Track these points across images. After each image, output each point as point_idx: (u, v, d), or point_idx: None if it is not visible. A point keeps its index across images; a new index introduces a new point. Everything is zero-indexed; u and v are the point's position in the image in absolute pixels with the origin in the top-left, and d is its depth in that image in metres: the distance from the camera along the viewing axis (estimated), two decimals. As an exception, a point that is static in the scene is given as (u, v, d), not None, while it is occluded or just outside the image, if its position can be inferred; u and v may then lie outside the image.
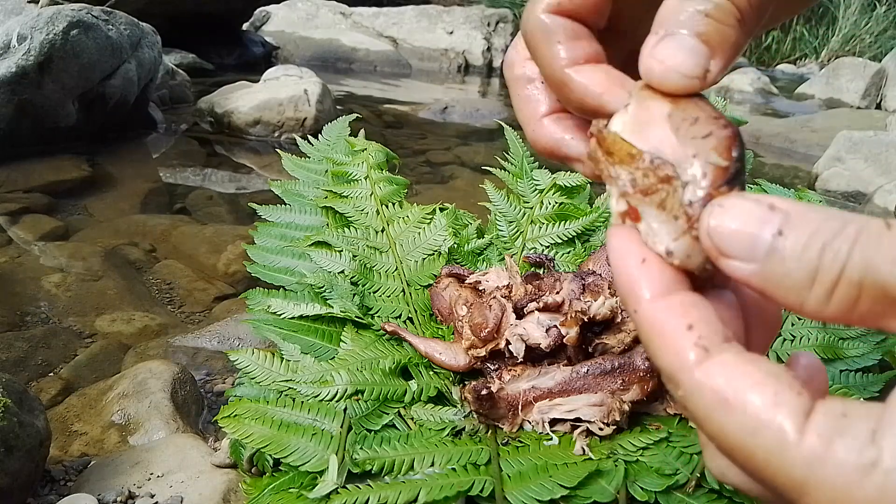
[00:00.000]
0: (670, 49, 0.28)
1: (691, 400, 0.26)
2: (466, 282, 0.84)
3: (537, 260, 0.93)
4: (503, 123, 1.32)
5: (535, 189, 1.11)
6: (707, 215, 0.26)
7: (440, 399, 0.73)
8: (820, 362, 0.29)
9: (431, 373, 0.76)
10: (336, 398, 0.71)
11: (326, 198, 1.09)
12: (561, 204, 1.06)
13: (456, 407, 0.72)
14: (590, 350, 0.70)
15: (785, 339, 0.80)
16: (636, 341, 0.69)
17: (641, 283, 0.27)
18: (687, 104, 0.28)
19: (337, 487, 0.60)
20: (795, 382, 0.25)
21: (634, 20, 0.35)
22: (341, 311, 0.82)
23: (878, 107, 4.46)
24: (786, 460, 0.23)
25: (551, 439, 0.66)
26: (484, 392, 0.67)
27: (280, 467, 0.67)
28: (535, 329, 0.71)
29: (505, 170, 1.14)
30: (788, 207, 0.25)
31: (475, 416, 0.69)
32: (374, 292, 0.90)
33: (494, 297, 0.76)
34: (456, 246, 0.97)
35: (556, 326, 0.70)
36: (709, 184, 0.26)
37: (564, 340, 0.69)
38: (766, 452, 0.24)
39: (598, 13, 0.33)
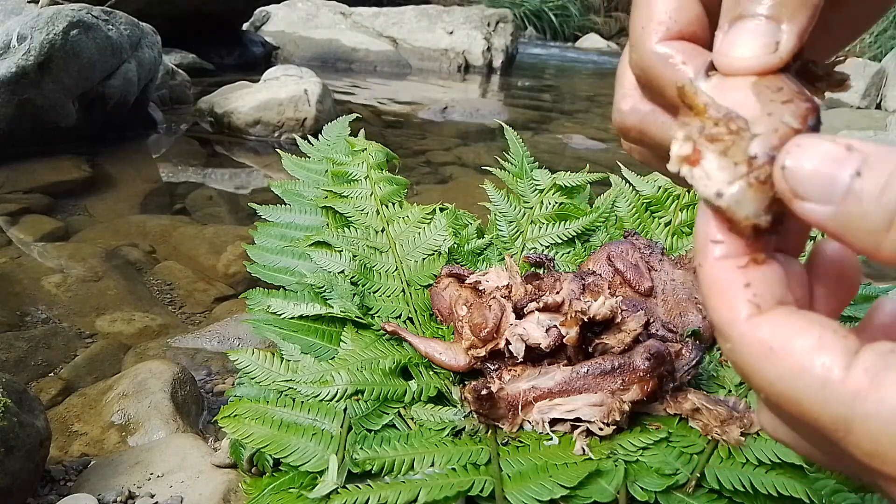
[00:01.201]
0: (736, 38, 0.28)
1: (738, 352, 0.26)
2: (466, 282, 0.84)
3: (537, 260, 0.93)
4: (503, 123, 1.32)
5: (535, 189, 1.11)
6: (783, 154, 0.26)
7: (440, 399, 0.73)
8: None
9: (431, 373, 0.76)
10: (336, 398, 0.71)
11: (326, 198, 1.09)
12: (561, 204, 1.06)
13: (456, 407, 0.72)
14: (590, 350, 0.70)
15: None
16: (636, 341, 0.69)
17: (714, 243, 0.28)
18: (773, 77, 0.29)
19: (337, 487, 0.60)
20: (842, 328, 0.25)
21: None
22: (341, 311, 0.82)
23: (878, 107, 4.46)
24: (830, 398, 0.23)
25: (551, 439, 0.66)
26: (484, 392, 0.67)
27: (280, 467, 0.67)
28: (535, 329, 0.71)
29: (505, 170, 1.14)
30: (867, 148, 0.24)
31: (475, 416, 0.69)
32: (374, 292, 0.90)
33: (494, 297, 0.76)
34: (456, 246, 0.97)
35: (556, 326, 0.70)
36: (778, 140, 0.26)
37: (564, 340, 0.69)
38: (809, 394, 0.24)
39: (706, 28, 0.33)
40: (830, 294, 0.29)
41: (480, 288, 0.82)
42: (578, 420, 0.67)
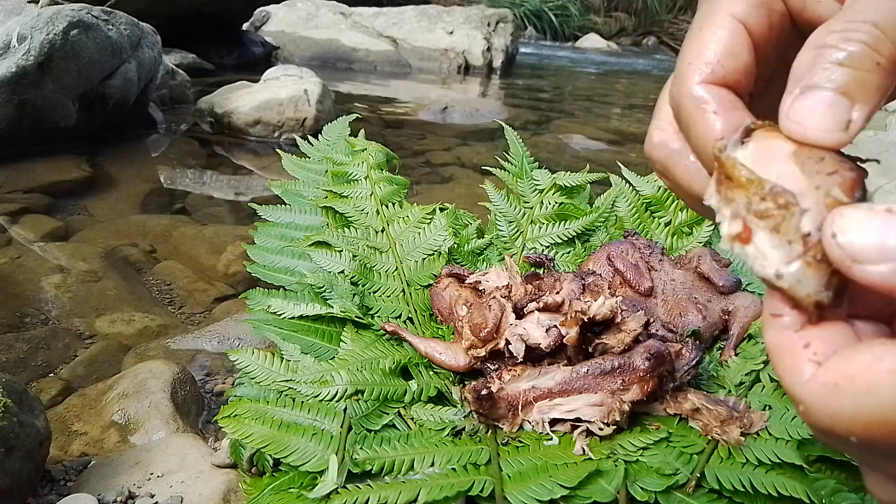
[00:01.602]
0: (807, 107, 0.28)
1: (812, 409, 0.26)
2: (466, 282, 0.84)
3: (537, 260, 0.93)
4: (503, 123, 1.32)
5: (535, 189, 1.11)
6: (829, 225, 0.26)
7: (440, 399, 0.73)
8: None
9: (431, 373, 0.76)
10: (336, 398, 0.71)
11: (326, 198, 1.09)
12: (561, 204, 1.06)
13: (456, 407, 0.72)
14: (590, 350, 0.70)
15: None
16: (636, 341, 0.69)
17: (775, 317, 0.28)
18: (813, 147, 0.28)
19: (337, 487, 0.60)
20: (889, 337, 0.25)
21: (764, 80, 0.34)
22: (341, 311, 0.82)
23: (879, 107, 4.45)
24: None
25: (551, 439, 0.66)
26: (484, 392, 0.67)
27: (280, 467, 0.67)
28: (535, 329, 0.71)
29: (505, 170, 1.14)
30: None
31: (475, 416, 0.69)
32: (374, 292, 0.90)
33: (494, 297, 0.76)
34: (456, 246, 0.97)
35: (556, 326, 0.70)
36: (829, 214, 0.26)
37: (564, 340, 0.69)
38: (890, 400, 0.23)
39: (751, 78, 0.32)
40: None
41: (480, 288, 0.82)
42: (578, 420, 0.67)
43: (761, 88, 0.34)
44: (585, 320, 0.69)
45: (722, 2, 0.32)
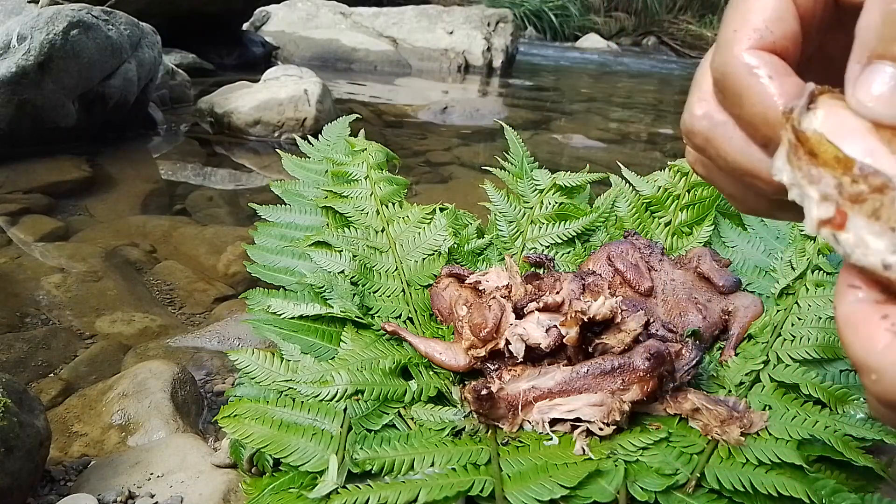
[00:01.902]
0: (878, 82, 0.26)
1: (886, 379, 0.25)
2: (466, 282, 0.84)
3: (537, 260, 0.93)
4: (503, 123, 1.32)
5: (535, 189, 1.11)
6: None
7: (440, 399, 0.73)
8: None
9: (431, 373, 0.76)
10: (336, 398, 0.71)
11: (326, 198, 1.09)
12: (561, 204, 1.06)
13: (456, 407, 0.72)
14: (590, 350, 0.70)
15: (785, 339, 0.80)
16: (636, 341, 0.69)
17: (853, 288, 0.27)
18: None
19: (337, 487, 0.60)
20: None
21: (802, 62, 0.33)
22: (341, 311, 0.82)
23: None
24: None
25: (551, 439, 0.66)
26: (484, 392, 0.67)
27: (280, 467, 0.67)
28: (535, 329, 0.71)
29: (505, 170, 1.14)
30: None
31: (475, 416, 0.69)
32: (374, 292, 0.90)
33: (494, 297, 0.76)
34: (456, 246, 0.97)
35: (556, 326, 0.70)
36: None
37: (564, 340, 0.69)
38: None
39: (798, 49, 0.31)
40: None
41: (480, 288, 0.82)
42: (578, 420, 0.67)
43: (804, 64, 0.33)
44: (585, 320, 0.69)
45: None
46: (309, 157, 1.24)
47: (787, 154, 0.28)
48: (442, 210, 1.02)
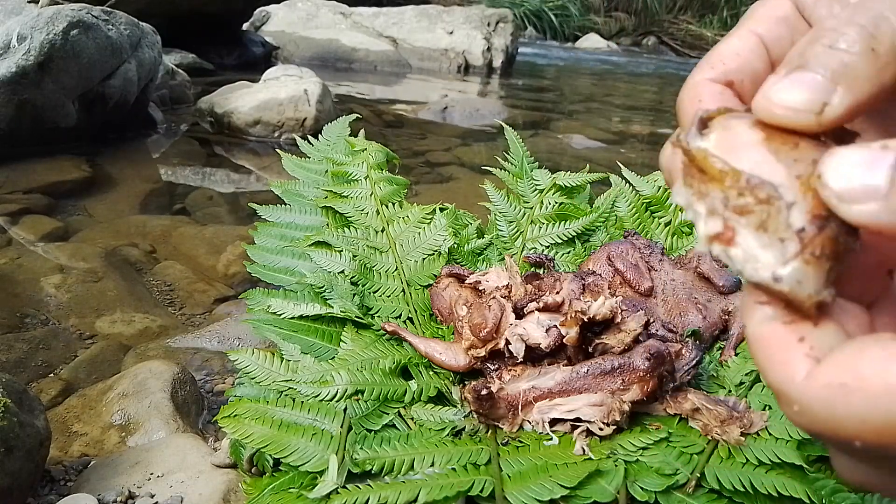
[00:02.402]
0: (781, 84, 0.26)
1: (809, 410, 0.24)
2: (466, 282, 0.84)
3: (537, 260, 0.93)
4: (503, 123, 1.32)
5: (535, 189, 1.11)
6: (818, 166, 0.24)
7: (440, 399, 0.73)
8: None
9: (431, 373, 0.76)
10: (336, 398, 0.71)
11: (326, 198, 1.09)
12: (561, 204, 1.06)
13: (456, 407, 0.72)
14: (590, 350, 0.70)
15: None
16: (636, 341, 0.69)
17: (762, 304, 0.26)
18: (784, 132, 0.26)
19: (337, 487, 0.60)
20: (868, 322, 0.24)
21: None
22: (341, 311, 0.82)
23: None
24: None
25: (551, 439, 0.66)
26: (484, 392, 0.67)
27: (280, 467, 0.67)
28: (535, 329, 0.71)
29: (505, 170, 1.14)
30: None
31: (475, 416, 0.69)
32: (374, 292, 0.90)
33: (494, 297, 0.76)
34: (456, 246, 0.97)
35: (556, 326, 0.70)
36: (818, 204, 0.24)
37: (564, 340, 0.69)
38: None
39: (758, 81, 0.31)
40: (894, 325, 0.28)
41: (480, 288, 0.82)
42: (578, 420, 0.67)
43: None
44: (585, 320, 0.69)
45: (746, 21, 0.33)
46: (309, 157, 1.24)
47: (682, 176, 0.28)
48: (442, 210, 1.02)
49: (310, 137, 1.30)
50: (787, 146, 0.26)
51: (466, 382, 0.73)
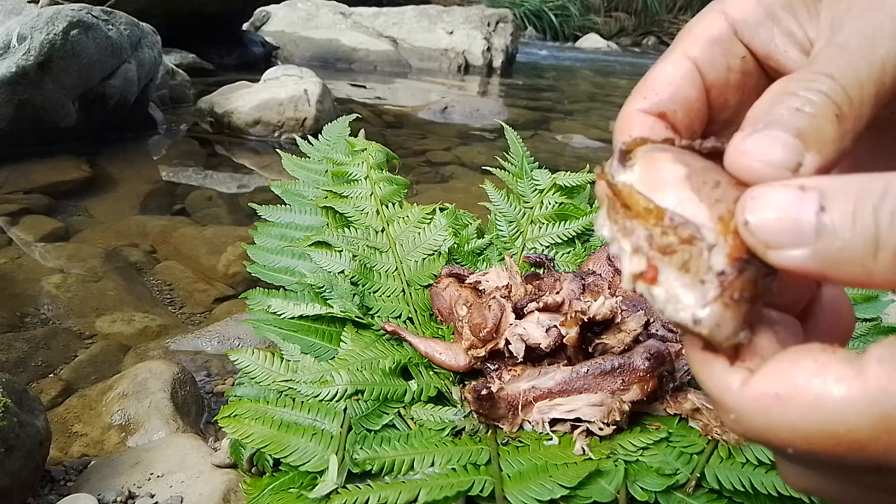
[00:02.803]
0: (759, 142, 0.27)
1: (744, 418, 0.25)
2: (466, 282, 0.84)
3: (537, 260, 0.93)
4: (503, 123, 1.32)
5: (535, 189, 1.11)
6: (742, 211, 0.25)
7: (440, 399, 0.73)
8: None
9: (431, 373, 0.76)
10: (336, 398, 0.71)
11: (326, 198, 1.09)
12: (561, 204, 1.06)
13: (456, 407, 0.72)
14: (590, 350, 0.70)
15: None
16: (636, 341, 0.69)
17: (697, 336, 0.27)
18: (705, 168, 0.27)
19: (337, 487, 0.60)
20: (827, 345, 0.24)
21: (722, 122, 0.34)
22: (341, 311, 0.82)
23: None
24: (859, 406, 0.22)
25: (551, 439, 0.66)
26: (484, 392, 0.67)
27: (280, 467, 0.67)
28: (535, 329, 0.71)
29: (505, 170, 1.14)
30: (821, 183, 0.24)
31: (475, 416, 0.69)
32: (374, 292, 0.90)
33: (494, 298, 0.76)
34: (456, 246, 0.97)
35: (556, 326, 0.70)
36: (738, 246, 0.25)
37: (564, 340, 0.69)
38: (838, 416, 0.23)
39: (693, 114, 0.32)
40: (826, 338, 0.29)
41: (480, 288, 0.82)
42: (578, 420, 0.67)
43: (718, 129, 0.34)
44: (585, 320, 0.69)
45: (681, 42, 0.33)
46: (309, 157, 1.24)
47: (606, 209, 0.28)
48: (442, 210, 1.02)
49: (310, 137, 1.30)
50: (709, 185, 0.26)
51: (466, 382, 0.73)
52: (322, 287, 0.86)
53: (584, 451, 0.64)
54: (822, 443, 0.23)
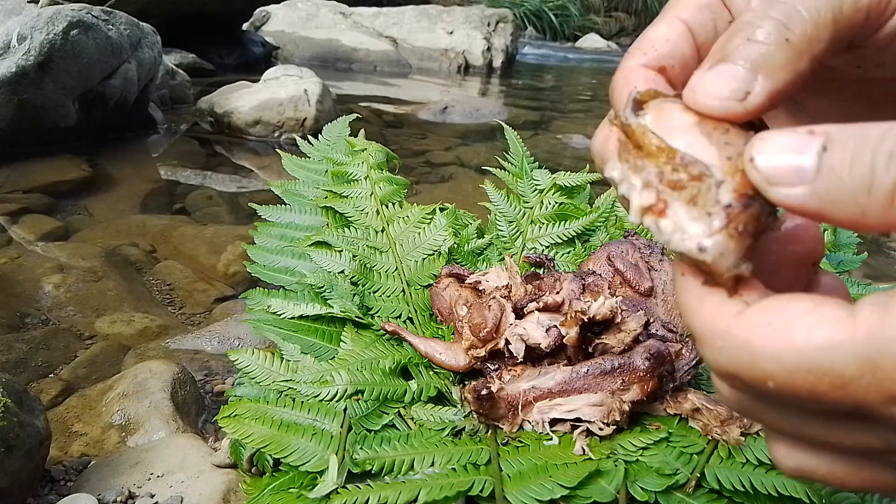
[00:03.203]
0: (706, 78, 0.28)
1: (732, 347, 0.25)
2: (466, 282, 0.84)
3: (537, 260, 0.93)
4: (503, 123, 1.32)
5: (535, 189, 1.11)
6: (748, 149, 0.26)
7: (440, 399, 0.73)
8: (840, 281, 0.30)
9: (431, 373, 0.76)
10: (336, 398, 0.71)
11: (326, 198, 1.09)
12: (561, 204, 1.06)
13: (456, 407, 0.72)
14: (590, 350, 0.70)
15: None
16: (636, 341, 0.69)
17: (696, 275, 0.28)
18: (714, 119, 0.28)
19: (337, 487, 0.60)
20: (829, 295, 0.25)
21: None
22: (341, 311, 0.82)
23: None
24: (846, 347, 0.23)
25: (551, 439, 0.66)
26: (484, 392, 0.67)
27: (280, 467, 0.67)
28: (535, 329, 0.71)
29: (505, 170, 1.14)
30: (828, 128, 0.25)
31: (475, 416, 0.69)
32: (374, 292, 0.90)
33: (494, 298, 0.76)
34: (456, 246, 0.97)
35: (556, 326, 0.70)
36: (745, 184, 0.26)
37: (564, 340, 0.69)
38: (823, 354, 0.23)
39: (687, 70, 0.33)
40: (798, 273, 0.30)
41: (480, 288, 0.82)
42: (578, 420, 0.67)
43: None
44: (585, 320, 0.69)
45: (672, 7, 0.34)
46: (309, 157, 1.24)
47: (617, 152, 0.29)
48: (442, 210, 1.02)
49: (310, 137, 1.30)
50: (719, 130, 0.28)
51: (466, 382, 0.73)
52: (322, 287, 0.86)
53: (584, 451, 0.64)
54: (805, 377, 0.24)
